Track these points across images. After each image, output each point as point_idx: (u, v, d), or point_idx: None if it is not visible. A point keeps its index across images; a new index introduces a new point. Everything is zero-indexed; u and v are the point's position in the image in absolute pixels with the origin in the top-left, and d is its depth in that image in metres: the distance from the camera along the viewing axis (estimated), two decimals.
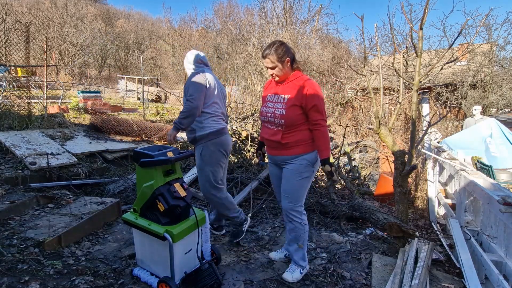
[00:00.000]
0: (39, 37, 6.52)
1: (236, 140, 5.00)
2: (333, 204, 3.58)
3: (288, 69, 2.04)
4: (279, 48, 2.01)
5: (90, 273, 2.09)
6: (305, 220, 2.16)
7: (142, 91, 11.68)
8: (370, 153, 7.99)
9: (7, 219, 2.73)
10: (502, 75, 9.96)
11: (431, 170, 4.74)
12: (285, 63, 2.01)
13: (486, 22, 9.21)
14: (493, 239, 2.53)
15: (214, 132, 2.40)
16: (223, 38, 24.09)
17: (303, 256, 2.18)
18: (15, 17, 5.78)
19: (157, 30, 33.92)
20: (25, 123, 5.06)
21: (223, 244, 2.67)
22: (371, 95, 3.74)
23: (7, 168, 3.73)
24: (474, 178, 3.02)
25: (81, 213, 2.87)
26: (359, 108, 10.69)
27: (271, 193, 3.88)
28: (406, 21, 8.92)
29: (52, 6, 25.08)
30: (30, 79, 7.02)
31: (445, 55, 3.92)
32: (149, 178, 1.89)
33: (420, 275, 2.03)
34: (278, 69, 2.02)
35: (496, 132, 5.28)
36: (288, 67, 2.04)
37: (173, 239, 1.80)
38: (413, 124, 3.20)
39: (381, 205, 4.49)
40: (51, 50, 12.15)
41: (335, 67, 13.02)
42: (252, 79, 11.61)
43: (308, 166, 2.06)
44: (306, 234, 2.17)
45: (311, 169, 2.09)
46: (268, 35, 14.47)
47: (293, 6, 17.69)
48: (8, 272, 1.99)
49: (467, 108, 9.52)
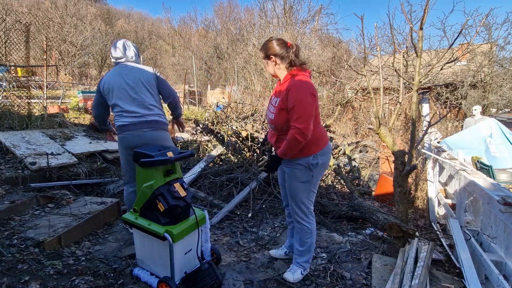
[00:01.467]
0: (39, 37, 6.52)
1: (236, 140, 5.00)
2: (333, 204, 3.58)
3: (278, 67, 1.96)
4: (266, 44, 1.96)
5: (90, 273, 2.09)
6: (311, 223, 2.09)
7: None
8: (370, 153, 7.98)
9: (7, 219, 2.73)
10: (502, 75, 9.95)
11: (431, 170, 4.74)
12: (271, 60, 1.95)
13: (486, 22, 9.22)
14: (493, 239, 2.53)
15: (117, 128, 2.48)
16: (223, 38, 24.10)
17: (308, 259, 2.15)
18: (15, 17, 5.78)
19: (157, 30, 33.92)
20: (25, 123, 5.06)
21: (223, 244, 2.67)
22: (371, 95, 3.74)
23: (7, 168, 3.73)
24: (474, 178, 3.02)
25: (81, 213, 2.87)
26: (359, 108, 10.69)
27: (271, 193, 3.88)
28: (406, 21, 8.92)
29: (52, 6, 25.06)
30: (30, 79, 7.02)
31: (445, 55, 3.92)
32: (149, 178, 1.89)
33: (420, 275, 2.03)
34: (267, 66, 2.00)
35: (496, 132, 5.28)
36: (278, 65, 1.96)
37: (173, 239, 1.80)
38: (413, 124, 3.20)
39: (381, 205, 4.49)
40: (51, 50, 12.15)
41: (335, 67, 13.02)
42: (252, 79, 11.60)
43: (305, 170, 1.97)
44: (311, 239, 2.11)
45: (309, 173, 1.98)
46: (268, 35, 14.46)
47: (293, 6, 17.69)
48: (8, 272, 1.99)
49: (467, 108, 9.52)
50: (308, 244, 2.11)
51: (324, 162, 2.01)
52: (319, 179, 2.09)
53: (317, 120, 1.93)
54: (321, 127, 2.05)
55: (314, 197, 2.10)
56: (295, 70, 1.94)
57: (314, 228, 2.11)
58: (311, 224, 2.09)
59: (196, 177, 4.28)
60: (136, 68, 2.49)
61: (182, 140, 6.00)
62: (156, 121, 2.46)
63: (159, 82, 2.56)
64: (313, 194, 2.08)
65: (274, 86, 10.97)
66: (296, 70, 1.94)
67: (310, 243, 2.11)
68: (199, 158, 5.19)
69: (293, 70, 1.94)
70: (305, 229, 2.08)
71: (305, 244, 2.10)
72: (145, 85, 2.46)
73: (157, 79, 2.55)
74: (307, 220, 2.07)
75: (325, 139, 2.04)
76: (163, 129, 2.51)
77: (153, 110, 2.46)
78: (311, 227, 2.09)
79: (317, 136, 1.95)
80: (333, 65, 13.03)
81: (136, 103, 2.41)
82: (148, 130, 2.42)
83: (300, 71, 1.95)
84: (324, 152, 2.00)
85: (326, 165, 2.05)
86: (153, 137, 2.43)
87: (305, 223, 2.08)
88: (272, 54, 1.94)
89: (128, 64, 2.50)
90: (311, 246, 2.13)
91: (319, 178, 2.08)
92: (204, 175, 4.30)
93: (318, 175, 2.04)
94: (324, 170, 2.08)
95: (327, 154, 2.04)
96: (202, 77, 22.86)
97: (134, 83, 2.43)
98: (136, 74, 2.46)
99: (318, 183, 2.11)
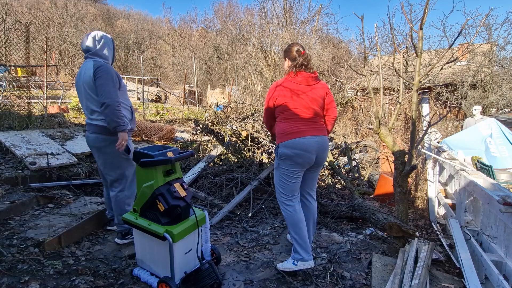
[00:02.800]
0: (39, 37, 6.51)
1: (236, 140, 5.00)
2: (333, 204, 3.58)
3: (286, 68, 2.32)
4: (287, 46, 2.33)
5: (90, 273, 2.09)
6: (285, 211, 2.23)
7: (142, 91, 11.68)
8: (370, 153, 7.98)
9: (7, 219, 2.73)
10: (502, 75, 9.95)
11: (431, 170, 4.74)
12: (285, 60, 2.32)
13: (486, 22, 9.21)
14: (493, 239, 2.53)
15: None
16: (223, 38, 24.10)
17: (294, 248, 2.20)
18: (15, 17, 5.77)
19: (157, 30, 33.91)
20: (25, 123, 5.06)
21: (223, 244, 2.67)
22: (371, 95, 3.74)
23: (7, 168, 3.73)
24: (474, 178, 3.02)
25: (81, 213, 2.87)
26: (359, 108, 10.69)
27: (271, 193, 3.88)
28: (406, 21, 8.92)
29: (52, 6, 25.07)
30: (30, 79, 7.00)
31: (445, 55, 3.92)
32: (149, 178, 1.89)
33: (420, 275, 2.03)
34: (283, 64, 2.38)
35: (496, 132, 5.28)
36: (286, 67, 2.32)
37: (173, 239, 1.80)
38: (413, 124, 3.20)
39: (381, 205, 4.49)
40: (51, 50, 12.14)
41: (335, 67, 13.02)
42: (252, 79, 11.60)
43: (276, 156, 2.29)
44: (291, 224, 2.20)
45: (276, 160, 2.28)
46: (268, 35, 14.47)
47: (293, 6, 17.69)
48: (8, 272, 1.99)
49: (467, 108, 9.52)
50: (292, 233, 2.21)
51: (285, 154, 2.16)
52: (290, 172, 2.19)
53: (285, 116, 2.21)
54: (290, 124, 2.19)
55: (289, 189, 2.22)
56: (292, 72, 2.23)
57: (287, 217, 2.22)
58: (284, 211, 2.24)
59: (196, 177, 4.28)
60: (84, 67, 2.35)
61: (182, 140, 5.99)
62: (95, 125, 2.37)
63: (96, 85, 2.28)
64: (286, 185, 2.21)
65: None
66: (292, 73, 2.23)
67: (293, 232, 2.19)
68: (199, 158, 5.19)
69: (291, 72, 2.23)
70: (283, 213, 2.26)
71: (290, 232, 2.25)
72: (86, 90, 2.32)
73: (95, 81, 2.28)
74: (282, 206, 2.26)
75: (292, 135, 2.16)
76: (101, 133, 2.36)
77: (94, 115, 2.36)
78: (284, 214, 2.25)
79: (281, 131, 2.22)
80: (333, 65, 13.04)
81: (84, 107, 2.43)
82: (88, 132, 2.44)
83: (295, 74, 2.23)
84: (286, 145, 2.16)
85: (294, 159, 2.16)
86: (90, 140, 2.43)
87: (281, 207, 2.27)
88: (286, 56, 2.31)
89: (87, 60, 2.39)
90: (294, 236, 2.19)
91: (290, 171, 2.19)
92: (204, 175, 4.31)
93: (285, 166, 2.20)
94: (292, 165, 2.18)
95: (291, 149, 2.15)
96: (202, 77, 22.86)
97: (79, 86, 2.38)
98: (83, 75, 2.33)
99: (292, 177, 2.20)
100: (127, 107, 2.50)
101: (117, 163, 2.46)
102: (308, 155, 2.16)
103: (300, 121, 2.19)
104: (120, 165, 2.48)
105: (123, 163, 2.48)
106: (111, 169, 2.47)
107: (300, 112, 2.18)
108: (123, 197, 2.51)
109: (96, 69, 2.27)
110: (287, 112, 2.20)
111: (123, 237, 2.55)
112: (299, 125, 2.18)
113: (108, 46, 2.47)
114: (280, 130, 2.23)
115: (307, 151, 2.14)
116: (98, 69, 2.27)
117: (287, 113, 2.20)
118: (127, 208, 2.51)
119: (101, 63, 2.32)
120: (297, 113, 2.19)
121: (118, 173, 2.48)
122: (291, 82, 2.21)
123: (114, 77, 2.33)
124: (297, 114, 2.19)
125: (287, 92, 2.19)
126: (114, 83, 2.31)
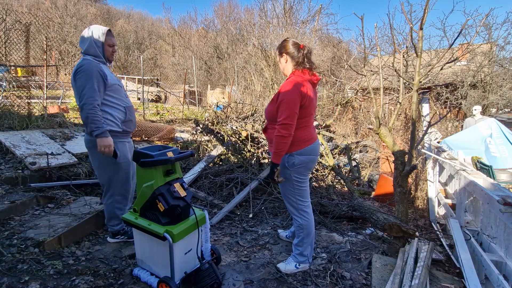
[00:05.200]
0: (39, 37, 6.51)
1: (236, 140, 5.00)
2: (333, 204, 3.58)
3: (287, 65, 2.09)
4: (282, 43, 2.12)
5: (90, 273, 2.09)
6: (302, 218, 2.16)
7: (142, 91, 11.68)
8: (370, 153, 7.98)
9: (7, 219, 2.73)
10: (502, 75, 9.95)
11: (431, 170, 4.74)
12: (283, 57, 2.09)
13: (486, 22, 9.21)
14: (493, 239, 2.53)
15: None
16: (223, 38, 24.11)
17: (302, 252, 2.21)
18: (15, 17, 5.77)
19: (157, 30, 33.91)
20: (25, 123, 5.06)
21: (223, 244, 2.67)
22: (371, 95, 3.74)
23: (7, 168, 3.73)
24: (474, 178, 3.02)
25: (81, 213, 2.87)
26: (359, 108, 10.69)
27: (270, 193, 3.88)
28: (406, 21, 8.93)
29: (52, 6, 25.08)
30: (30, 79, 7.00)
31: (445, 55, 3.92)
32: (149, 178, 1.89)
33: (420, 275, 2.03)
34: (279, 62, 2.16)
35: (496, 132, 5.28)
36: (286, 64, 2.10)
37: (173, 239, 1.80)
38: (413, 124, 3.20)
39: (381, 205, 4.49)
40: (51, 50, 12.14)
41: (335, 67, 13.03)
42: (252, 79, 11.60)
43: (283, 168, 2.07)
44: (303, 234, 2.19)
45: (287, 172, 2.07)
46: (268, 35, 14.46)
47: (293, 6, 17.68)
48: (8, 272, 1.99)
49: (467, 108, 9.52)
50: (301, 238, 2.20)
51: (302, 162, 2.05)
52: (303, 178, 2.13)
53: (303, 123, 2.01)
54: (307, 131, 2.07)
55: (304, 194, 2.16)
56: (299, 70, 2.03)
57: (306, 224, 2.18)
58: (302, 219, 2.17)
59: (196, 177, 4.28)
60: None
61: (182, 140, 6.00)
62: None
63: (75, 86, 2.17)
64: (301, 191, 2.14)
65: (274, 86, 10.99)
66: (299, 71, 2.03)
67: (303, 237, 2.19)
68: (199, 158, 5.19)
69: (297, 70, 2.03)
70: (296, 223, 2.20)
71: (298, 237, 2.21)
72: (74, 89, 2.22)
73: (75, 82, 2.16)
74: (297, 215, 2.18)
75: (308, 142, 2.07)
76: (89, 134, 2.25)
77: None
78: (302, 222, 2.17)
79: (298, 138, 2.01)
80: (333, 65, 13.05)
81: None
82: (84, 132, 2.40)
83: (302, 72, 2.03)
84: (303, 153, 2.04)
85: (308, 165, 2.10)
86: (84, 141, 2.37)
87: (296, 217, 2.19)
88: (284, 52, 2.07)
89: None
90: (304, 241, 2.20)
91: (303, 177, 2.12)
92: (204, 175, 4.31)
93: (298, 174, 2.09)
94: (305, 170, 2.12)
95: (307, 156, 2.07)
96: (202, 77, 22.85)
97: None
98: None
99: (304, 181, 2.15)
100: (119, 107, 2.32)
101: (102, 167, 2.34)
102: (317, 160, 2.17)
103: (312, 126, 2.12)
104: (105, 169, 2.34)
105: (108, 168, 2.33)
106: (98, 173, 2.41)
107: (312, 117, 2.10)
108: (112, 201, 2.44)
109: (76, 70, 2.15)
110: (306, 119, 2.03)
111: (113, 237, 2.56)
112: (312, 130, 2.11)
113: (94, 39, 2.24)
114: (297, 137, 2.00)
115: (317, 155, 2.16)
116: (78, 70, 2.14)
117: (306, 119, 2.02)
118: (117, 212, 2.46)
119: (85, 62, 2.16)
120: (311, 119, 2.08)
121: (105, 178, 2.37)
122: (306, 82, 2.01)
123: (95, 76, 2.13)
124: (311, 119, 2.09)
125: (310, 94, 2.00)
126: (93, 83, 2.12)
